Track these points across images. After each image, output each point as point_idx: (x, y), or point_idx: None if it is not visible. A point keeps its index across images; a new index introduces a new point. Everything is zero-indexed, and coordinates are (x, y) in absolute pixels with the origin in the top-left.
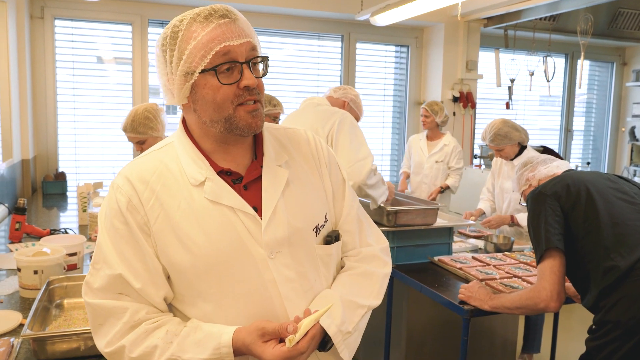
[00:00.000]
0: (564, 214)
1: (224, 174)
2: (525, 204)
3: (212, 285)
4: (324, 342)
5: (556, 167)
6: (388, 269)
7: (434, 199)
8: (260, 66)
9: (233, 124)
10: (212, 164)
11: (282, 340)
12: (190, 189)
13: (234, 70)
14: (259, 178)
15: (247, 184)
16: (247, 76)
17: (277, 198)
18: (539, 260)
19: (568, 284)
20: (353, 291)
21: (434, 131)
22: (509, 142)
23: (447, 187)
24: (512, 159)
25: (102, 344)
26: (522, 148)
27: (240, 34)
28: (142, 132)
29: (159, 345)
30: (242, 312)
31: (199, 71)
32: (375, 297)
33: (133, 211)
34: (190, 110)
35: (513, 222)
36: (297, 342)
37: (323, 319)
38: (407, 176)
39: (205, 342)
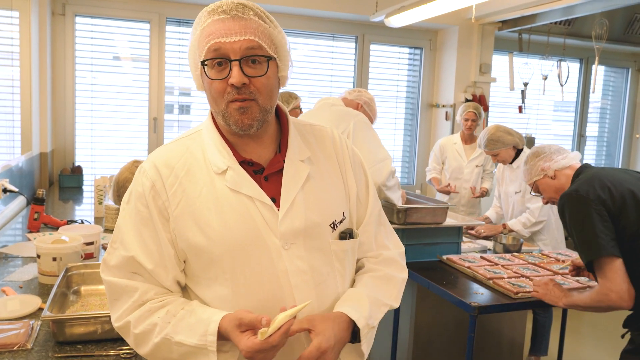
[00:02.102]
0: (612, 217)
1: (246, 164)
2: (535, 194)
3: (226, 270)
4: (354, 333)
5: (572, 159)
6: (405, 274)
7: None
8: (266, 66)
9: (226, 120)
10: (235, 153)
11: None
12: (213, 177)
13: (227, 66)
14: (281, 171)
15: (268, 175)
16: (233, 74)
17: (296, 191)
18: (593, 265)
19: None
20: (376, 291)
21: (472, 135)
22: (502, 146)
23: (487, 191)
24: (510, 163)
25: (113, 318)
26: (519, 152)
27: (237, 31)
28: None
29: (158, 324)
30: (252, 299)
31: (199, 63)
32: (394, 299)
33: (155, 195)
34: None
35: (505, 228)
36: (270, 336)
37: (352, 312)
38: (439, 182)
39: (195, 327)
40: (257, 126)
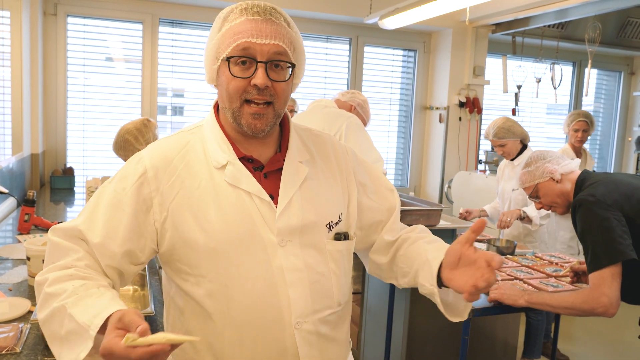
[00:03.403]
0: (628, 223)
1: (245, 160)
2: (532, 198)
3: (220, 265)
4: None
5: (575, 166)
6: None
7: None
8: (288, 72)
9: (237, 119)
10: (236, 149)
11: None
12: (212, 171)
13: (251, 66)
14: (280, 170)
15: (267, 172)
16: (258, 75)
17: (294, 189)
18: (601, 267)
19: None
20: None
21: (582, 148)
22: (512, 136)
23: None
24: (512, 159)
25: (38, 274)
26: (524, 147)
27: (268, 34)
28: (122, 155)
29: (67, 290)
30: (246, 295)
31: (222, 58)
32: None
33: (144, 182)
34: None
35: (524, 213)
36: (136, 347)
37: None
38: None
39: (93, 306)
40: (269, 130)
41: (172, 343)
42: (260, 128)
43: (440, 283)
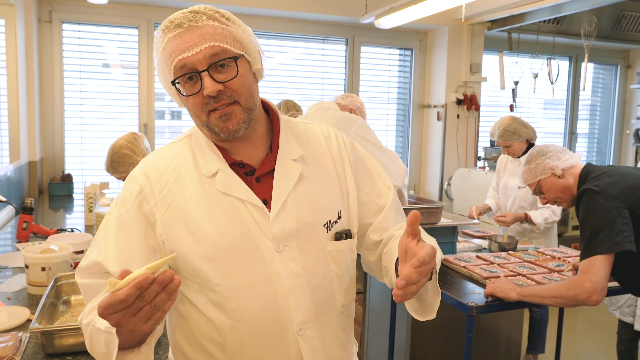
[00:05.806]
0: (632, 214)
1: (236, 166)
2: (539, 194)
3: (217, 275)
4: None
5: (577, 159)
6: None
7: None
8: (234, 67)
9: (212, 129)
10: (226, 156)
11: None
12: (203, 180)
13: (197, 79)
14: (273, 171)
15: (259, 176)
16: (206, 85)
17: (287, 191)
18: (592, 255)
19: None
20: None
21: None
22: (517, 138)
23: None
24: (519, 157)
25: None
26: (530, 146)
27: (195, 42)
28: (122, 170)
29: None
30: (247, 306)
31: (171, 84)
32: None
33: (143, 200)
34: None
35: (526, 220)
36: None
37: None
38: None
39: None
40: (245, 127)
41: (153, 271)
42: (234, 128)
43: None
